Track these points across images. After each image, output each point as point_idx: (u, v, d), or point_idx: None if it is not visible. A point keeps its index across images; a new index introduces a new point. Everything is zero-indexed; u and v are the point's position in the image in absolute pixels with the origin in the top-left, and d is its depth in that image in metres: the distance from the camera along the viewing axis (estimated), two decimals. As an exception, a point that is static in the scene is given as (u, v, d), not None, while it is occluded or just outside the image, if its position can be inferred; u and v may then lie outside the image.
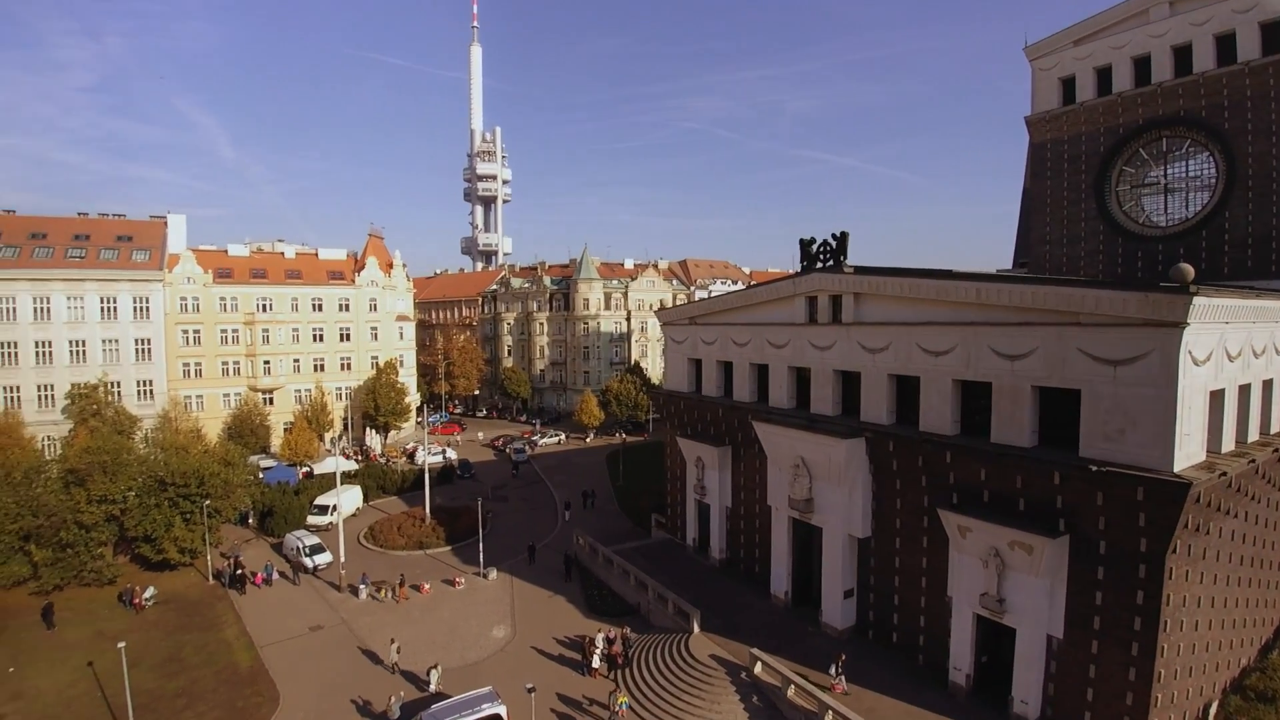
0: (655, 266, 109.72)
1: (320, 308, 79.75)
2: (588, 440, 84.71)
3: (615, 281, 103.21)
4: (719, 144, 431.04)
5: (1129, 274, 48.25)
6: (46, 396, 64.06)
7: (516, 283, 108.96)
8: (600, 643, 32.05)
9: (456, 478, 65.68)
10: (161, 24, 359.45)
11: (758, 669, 28.74)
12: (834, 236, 33.35)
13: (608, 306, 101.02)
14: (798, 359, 34.35)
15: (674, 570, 39.87)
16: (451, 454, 73.57)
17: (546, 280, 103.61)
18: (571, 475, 67.69)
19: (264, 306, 76.49)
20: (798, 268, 35.13)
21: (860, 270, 31.75)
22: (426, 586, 40.71)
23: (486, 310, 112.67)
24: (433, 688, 29.98)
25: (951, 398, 27.23)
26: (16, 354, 63.68)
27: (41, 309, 64.90)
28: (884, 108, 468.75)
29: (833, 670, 27.47)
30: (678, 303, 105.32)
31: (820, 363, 32.93)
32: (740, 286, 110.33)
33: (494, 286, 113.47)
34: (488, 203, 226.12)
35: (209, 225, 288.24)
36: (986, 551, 25.09)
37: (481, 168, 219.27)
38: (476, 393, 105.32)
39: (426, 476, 51.83)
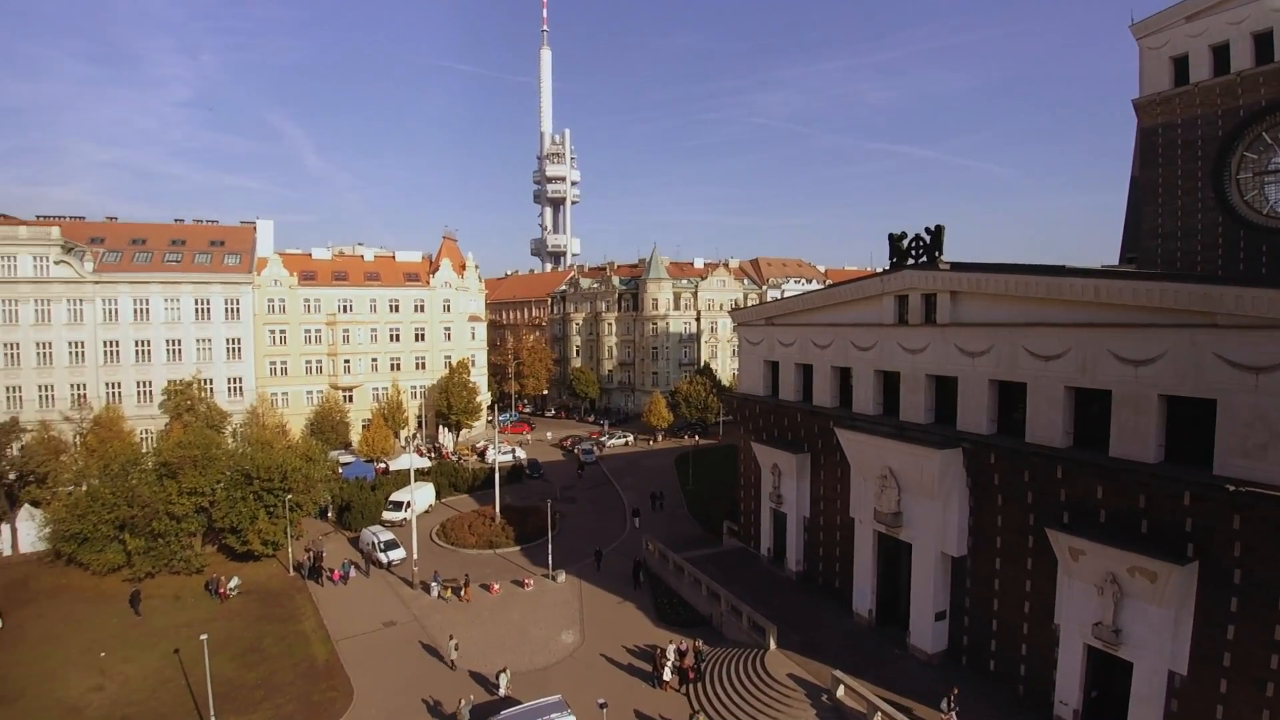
0: (726, 266, 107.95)
1: (397, 308, 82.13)
2: (655, 442, 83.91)
3: (684, 281, 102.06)
4: (790, 139, 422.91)
5: (1252, 269, 43.33)
6: (145, 392, 68.39)
7: (585, 283, 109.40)
8: (671, 654, 31.00)
9: (526, 477, 66.10)
10: (251, 40, 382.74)
11: (840, 692, 27.00)
12: (928, 230, 31.16)
13: (677, 306, 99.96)
14: (885, 362, 32.28)
15: (747, 581, 38.39)
16: (521, 453, 74.21)
17: (615, 280, 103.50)
18: (639, 477, 66.99)
19: (344, 307, 79.40)
20: (878, 265, 33.13)
21: (958, 267, 29.50)
22: (496, 587, 40.74)
23: (555, 311, 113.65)
24: (502, 691, 29.69)
25: (1063, 406, 24.78)
26: (118, 352, 68.35)
27: (141, 310, 69.37)
28: (967, 96, 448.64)
29: (944, 705, 25.35)
30: (749, 303, 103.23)
31: (911, 366, 30.80)
32: (815, 286, 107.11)
33: (563, 287, 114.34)
34: (556, 204, 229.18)
35: (295, 230, 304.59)
36: (1102, 577, 22.63)
37: (550, 170, 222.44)
38: (545, 392, 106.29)
39: (497, 476, 52.20)
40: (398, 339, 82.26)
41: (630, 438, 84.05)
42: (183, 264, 72.64)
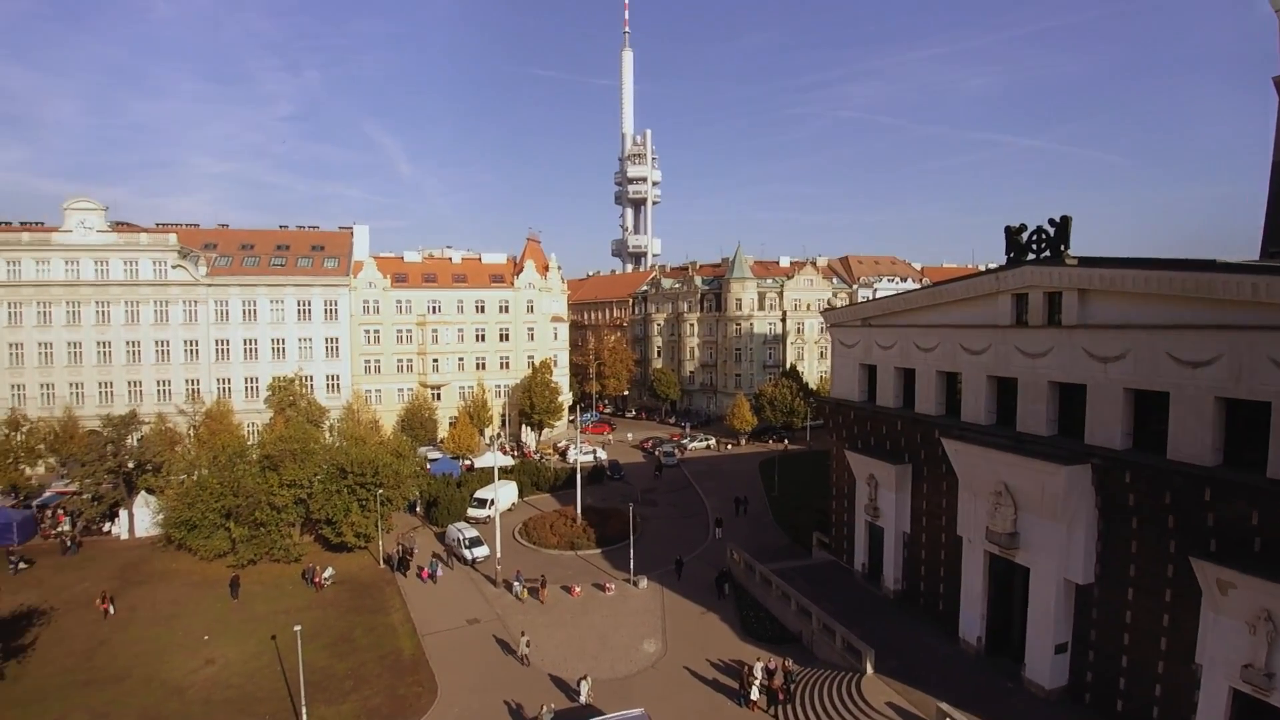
0: (813, 264, 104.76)
1: (482, 309, 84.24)
2: (738, 446, 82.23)
3: (769, 281, 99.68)
4: (880, 132, 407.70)
5: None
6: (252, 388, 73.15)
7: (667, 283, 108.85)
8: (759, 673, 29.69)
9: (607, 478, 66.07)
10: (349, 55, 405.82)
11: (947, 727, 24.96)
12: (1051, 222, 28.52)
13: (761, 307, 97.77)
14: (1000, 367, 29.74)
15: (840, 598, 36.47)
16: (602, 454, 74.37)
17: (698, 280, 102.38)
18: (722, 482, 65.64)
19: (433, 308, 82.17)
20: (980, 263, 30.70)
21: (1086, 262, 26.77)
22: (577, 589, 40.58)
23: (636, 311, 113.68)
24: (582, 699, 29.25)
25: (1213, 420, 21.86)
26: (228, 350, 73.54)
27: (249, 311, 74.35)
28: (1076, 80, 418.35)
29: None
30: (839, 303, 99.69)
31: (1030, 372, 28.19)
32: (911, 285, 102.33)
33: (644, 287, 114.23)
34: (637, 205, 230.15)
35: (389, 235, 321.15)
36: (1254, 613, 19.82)
37: (632, 171, 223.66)
38: (626, 393, 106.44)
39: (578, 476, 52.27)
40: (483, 339, 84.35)
41: (712, 441, 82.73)
42: (286, 267, 77.26)
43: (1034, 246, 28.94)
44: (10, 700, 30.00)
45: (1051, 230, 28.41)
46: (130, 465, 51.92)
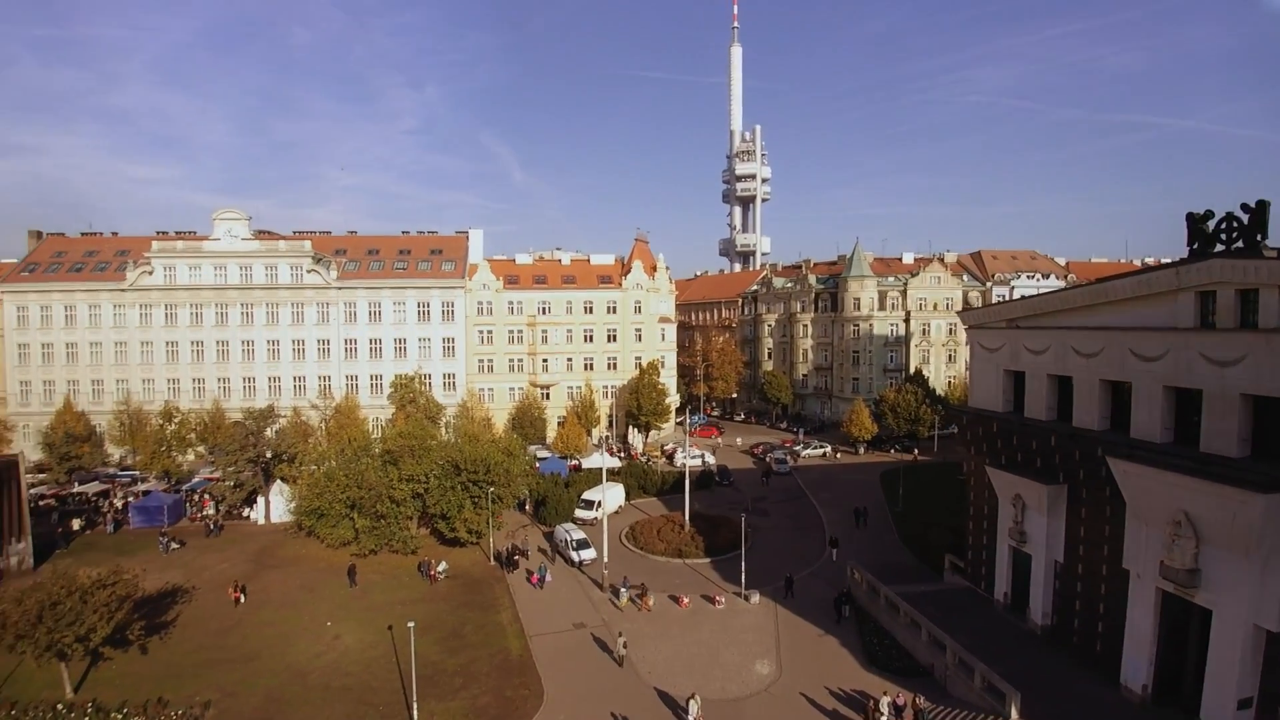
0: (940, 260, 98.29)
1: (591, 310, 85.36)
2: (855, 455, 78.44)
3: (891, 279, 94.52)
4: (1012, 116, 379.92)
5: None
6: (376, 385, 78.02)
7: (779, 282, 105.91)
8: (886, 708, 27.55)
9: (715, 484, 64.80)
10: (466, 71, 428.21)
11: (1112, 791, 21.96)
12: (1245, 208, 24.62)
13: (882, 306, 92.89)
14: (1180, 376, 25.90)
15: (978, 630, 33.37)
16: (711, 459, 73.18)
17: (812, 279, 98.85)
18: (838, 493, 62.68)
19: (543, 309, 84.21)
20: (1135, 257, 26.94)
21: (1295, 252, 22.81)
22: (685, 600, 39.70)
23: (746, 311, 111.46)
24: (691, 718, 28.32)
25: None
26: (356, 349, 78.91)
27: (375, 312, 79.59)
28: (1237, 54, 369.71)
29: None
30: (972, 302, 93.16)
31: (1218, 383, 24.33)
32: (1055, 281, 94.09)
33: (754, 287, 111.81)
34: (746, 203, 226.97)
35: (501, 238, 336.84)
36: None
37: (740, 168, 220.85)
38: (734, 396, 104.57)
39: (687, 481, 51.40)
40: (591, 339, 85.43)
41: (828, 448, 79.37)
42: (408, 271, 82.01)
43: (1223, 236, 25.10)
44: (150, 675, 32.88)
45: (1245, 217, 24.52)
46: (268, 455, 56.46)
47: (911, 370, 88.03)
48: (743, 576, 41.36)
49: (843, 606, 38.01)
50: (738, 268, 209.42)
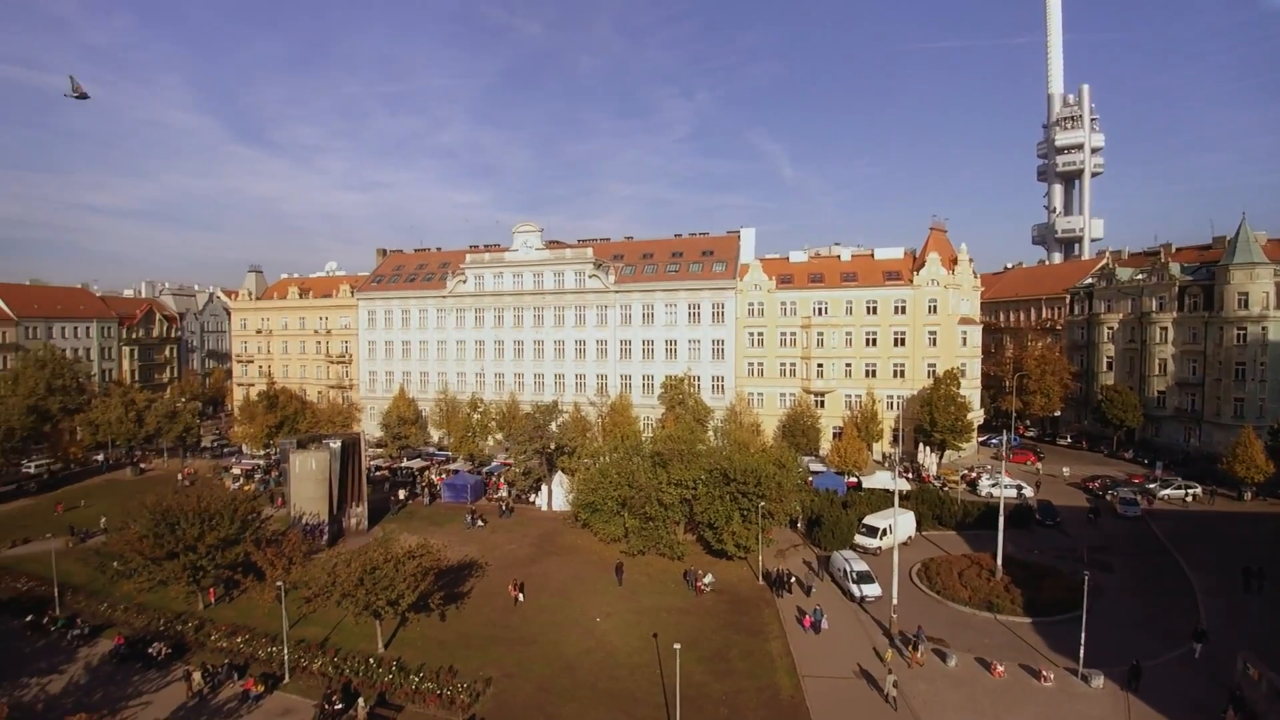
0: (1391, 239, 72.12)
1: (874, 310, 78.56)
2: (1239, 501, 60.64)
3: (1301, 266, 71.62)
4: None
5: None
6: (648, 385, 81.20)
7: (1124, 274, 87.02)
8: None
9: (1035, 523, 54.45)
10: (735, 74, 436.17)
11: None
12: None
13: (1284, 304, 70.84)
14: None
15: None
16: (1028, 490, 62.09)
17: (1174, 269, 79.33)
18: (1215, 550, 48.57)
19: (820, 310, 79.70)
20: None
21: None
22: (999, 668, 32.79)
23: (1076, 311, 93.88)
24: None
25: None
26: (630, 349, 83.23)
27: (648, 314, 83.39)
28: None
29: None
30: None
31: None
32: None
33: (1087, 280, 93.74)
34: (1070, 179, 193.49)
35: (773, 238, 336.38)
36: None
37: (1062, 138, 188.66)
38: (1057, 414, 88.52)
39: (1001, 515, 43.28)
40: (874, 343, 78.56)
41: (1198, 489, 62.46)
42: (679, 273, 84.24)
43: None
44: (444, 642, 36.54)
45: None
46: (551, 447, 61.11)
47: (1337, 391, 65.61)
48: (1081, 649, 32.95)
49: (1229, 711, 28.02)
50: (1057, 257, 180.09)
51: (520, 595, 41.72)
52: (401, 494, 64.12)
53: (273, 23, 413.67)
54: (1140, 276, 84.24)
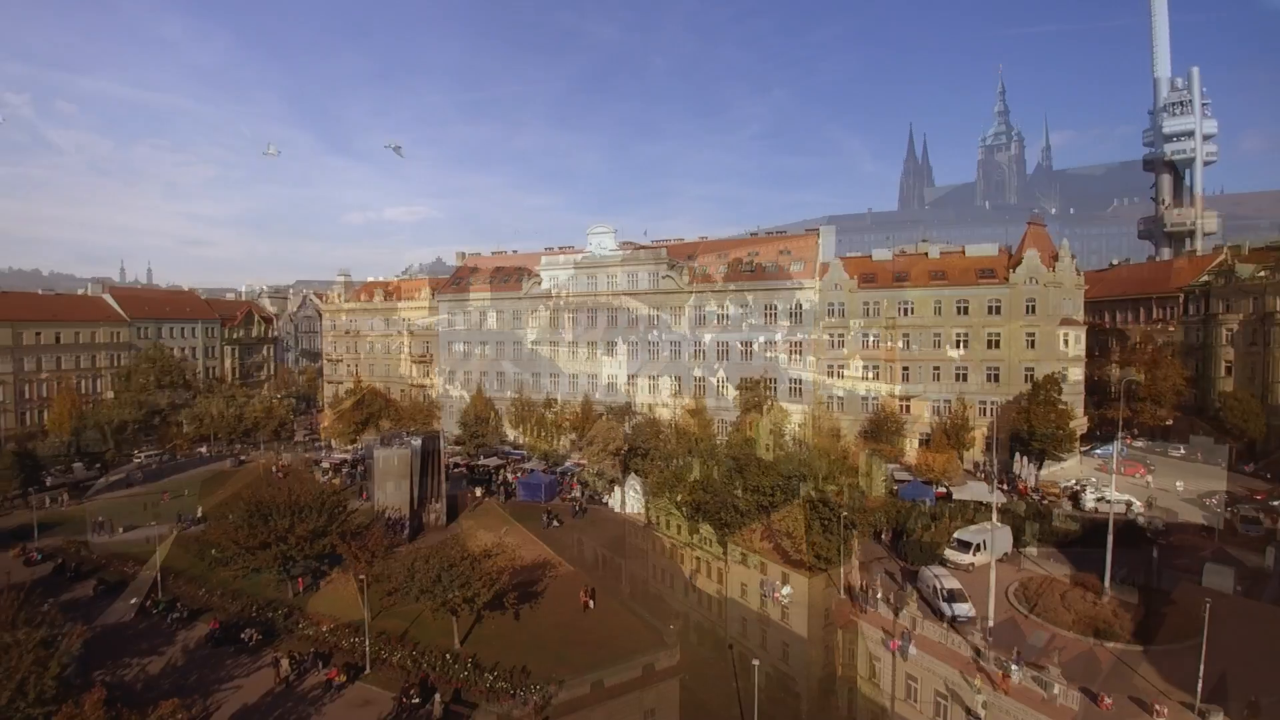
0: None
1: (965, 310, 74.68)
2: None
3: None
4: None
5: None
6: (722, 387, 79.56)
7: (1246, 271, 79.76)
8: None
9: (1147, 542, 50.34)
10: (809, 66, 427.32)
11: None
12: None
13: None
14: None
15: None
16: (1137, 505, 57.60)
17: (1308, 265, 72.19)
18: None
19: (905, 310, 76.39)
20: None
21: None
22: (1107, 700, 30.28)
23: (1191, 311, 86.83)
24: None
25: None
26: (704, 350, 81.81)
27: (722, 314, 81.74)
28: None
29: None
30: None
31: None
32: None
33: (1204, 278, 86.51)
34: (1179, 169, 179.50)
35: (851, 235, 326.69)
36: None
37: (1169, 125, 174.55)
38: (1169, 423, 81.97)
39: (1110, 534, 40.14)
40: (964, 345, 74.66)
41: (1333, 509, 56.42)
42: (754, 273, 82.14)
43: None
44: (518, 641, 36.81)
45: None
46: (625, 449, 60.98)
47: None
48: (1199, 683, 30.09)
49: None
50: (1166, 253, 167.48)
51: (591, 602, 41.52)
52: (479, 491, 65.40)
53: (363, 35, 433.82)
54: (1263, 274, 77.04)
